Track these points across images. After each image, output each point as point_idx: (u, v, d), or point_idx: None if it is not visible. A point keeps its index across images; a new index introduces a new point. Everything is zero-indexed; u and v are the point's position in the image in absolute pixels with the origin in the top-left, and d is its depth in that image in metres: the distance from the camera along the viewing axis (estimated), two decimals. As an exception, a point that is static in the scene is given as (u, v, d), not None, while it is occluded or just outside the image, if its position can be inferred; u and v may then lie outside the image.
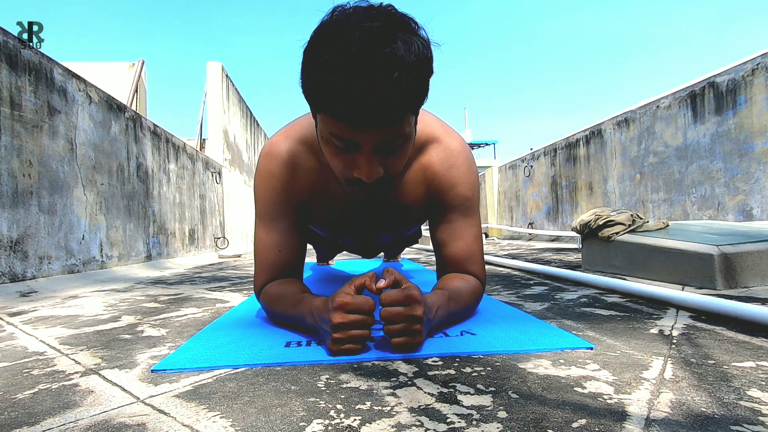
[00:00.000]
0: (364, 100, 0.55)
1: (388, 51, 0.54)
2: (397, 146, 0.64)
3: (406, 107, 0.59)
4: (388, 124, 0.59)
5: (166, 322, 0.95)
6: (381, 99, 0.55)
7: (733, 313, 0.78)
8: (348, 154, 0.63)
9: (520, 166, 5.72)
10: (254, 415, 0.44)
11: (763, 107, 2.40)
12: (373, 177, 0.63)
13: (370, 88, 0.54)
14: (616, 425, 0.39)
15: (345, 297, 0.61)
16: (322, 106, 0.59)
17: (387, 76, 0.54)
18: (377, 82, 0.54)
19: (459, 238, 0.83)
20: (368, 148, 0.61)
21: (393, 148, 0.63)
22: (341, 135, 0.60)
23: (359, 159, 0.63)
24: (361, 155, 0.62)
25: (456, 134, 0.85)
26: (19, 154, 1.60)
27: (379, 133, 0.60)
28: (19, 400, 0.51)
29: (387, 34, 0.54)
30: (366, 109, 0.56)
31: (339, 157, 0.65)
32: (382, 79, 0.54)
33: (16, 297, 1.41)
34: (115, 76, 5.60)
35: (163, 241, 2.93)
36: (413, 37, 0.57)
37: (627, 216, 1.56)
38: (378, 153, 0.62)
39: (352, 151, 0.62)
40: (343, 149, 0.63)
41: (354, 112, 0.56)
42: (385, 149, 0.63)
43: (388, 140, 0.61)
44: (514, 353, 0.62)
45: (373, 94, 0.55)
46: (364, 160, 0.62)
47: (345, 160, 0.64)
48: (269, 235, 0.83)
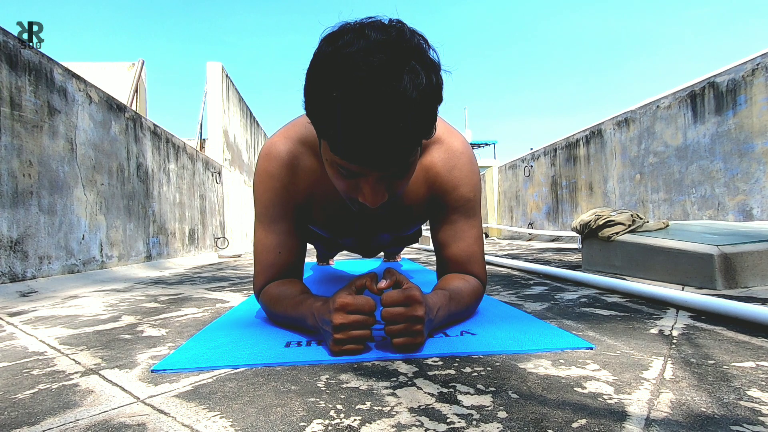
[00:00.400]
0: (370, 143, 0.54)
1: (395, 92, 0.51)
2: (401, 173, 0.63)
3: (414, 145, 0.58)
4: (395, 164, 0.59)
5: (166, 322, 0.95)
6: (388, 142, 0.54)
7: (733, 313, 0.78)
8: (352, 180, 0.63)
9: (520, 166, 5.72)
10: (254, 415, 0.44)
11: (763, 107, 2.40)
12: (377, 203, 0.63)
13: (378, 132, 0.53)
14: (616, 425, 0.39)
15: (346, 297, 0.61)
16: (327, 141, 0.59)
17: (394, 120, 0.52)
18: (384, 126, 0.52)
19: (460, 239, 0.83)
20: (373, 179, 0.61)
21: (399, 174, 0.63)
22: (346, 168, 0.60)
23: (363, 186, 0.62)
24: (366, 183, 0.62)
25: (458, 134, 0.85)
26: (19, 154, 1.60)
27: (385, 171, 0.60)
28: (19, 400, 0.51)
29: (395, 69, 0.52)
30: (372, 151, 0.55)
31: (343, 180, 0.64)
32: (390, 124, 0.52)
33: (16, 297, 1.41)
34: (115, 76, 5.60)
35: (163, 241, 2.93)
36: (422, 67, 0.54)
37: (627, 216, 1.56)
38: (383, 180, 0.62)
39: (356, 176, 0.62)
40: (346, 176, 0.62)
41: (359, 154, 0.56)
42: (391, 176, 0.62)
43: (394, 174, 0.61)
44: (514, 353, 0.62)
45: (380, 137, 0.53)
46: (368, 188, 0.62)
47: (349, 184, 0.64)
48: (269, 237, 0.83)
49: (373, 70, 0.51)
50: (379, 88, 0.51)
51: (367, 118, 0.52)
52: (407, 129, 0.54)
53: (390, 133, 0.53)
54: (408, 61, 0.53)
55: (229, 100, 5.39)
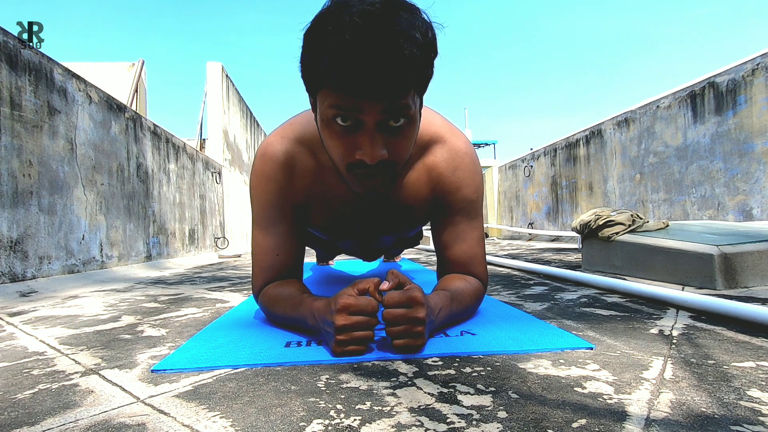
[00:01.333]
0: (367, 64, 0.54)
1: (391, 22, 0.54)
2: (400, 127, 0.62)
3: (410, 79, 0.58)
4: (392, 94, 0.58)
5: (166, 322, 0.95)
6: (385, 65, 0.54)
7: (733, 313, 0.78)
8: (349, 136, 0.61)
9: (520, 166, 5.72)
10: (254, 415, 0.44)
11: (763, 107, 2.40)
12: (376, 158, 0.61)
13: (374, 53, 0.54)
14: (616, 425, 0.39)
15: (348, 299, 0.60)
16: (325, 78, 0.58)
17: (391, 42, 0.54)
18: (381, 47, 0.54)
19: (462, 241, 0.83)
20: (371, 124, 0.59)
21: (396, 129, 0.61)
22: (344, 105, 0.58)
23: (361, 139, 0.61)
24: (364, 134, 0.60)
25: (461, 134, 0.84)
26: (19, 154, 1.60)
27: (383, 104, 0.58)
28: (19, 400, 0.51)
29: (390, 9, 0.55)
30: (369, 74, 0.55)
31: (340, 139, 0.62)
32: (386, 45, 0.54)
33: (16, 297, 1.41)
34: (115, 76, 5.60)
35: (163, 241, 2.93)
36: (416, 15, 0.58)
37: (627, 216, 1.56)
38: (381, 131, 0.61)
39: (354, 131, 0.61)
40: (345, 129, 0.61)
41: (357, 77, 0.55)
42: (389, 128, 0.61)
43: (392, 115, 0.60)
44: (514, 353, 0.62)
45: (376, 59, 0.54)
46: (366, 138, 0.60)
47: (347, 143, 0.62)
48: (267, 239, 0.82)
49: (369, 7, 0.54)
50: (374, 17, 0.54)
51: (365, 39, 0.53)
52: (402, 52, 0.55)
53: (384, 53, 0.54)
54: (400, 9, 0.56)
55: (229, 100, 5.39)
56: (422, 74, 0.60)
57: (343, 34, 0.54)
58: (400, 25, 0.55)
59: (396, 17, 0.55)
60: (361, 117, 0.59)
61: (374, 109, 0.58)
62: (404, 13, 0.56)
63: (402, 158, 0.66)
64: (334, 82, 0.57)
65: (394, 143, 0.63)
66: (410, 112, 0.61)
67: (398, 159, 0.65)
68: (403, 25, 0.55)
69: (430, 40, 0.59)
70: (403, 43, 0.55)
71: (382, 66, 0.55)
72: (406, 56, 0.55)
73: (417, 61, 0.57)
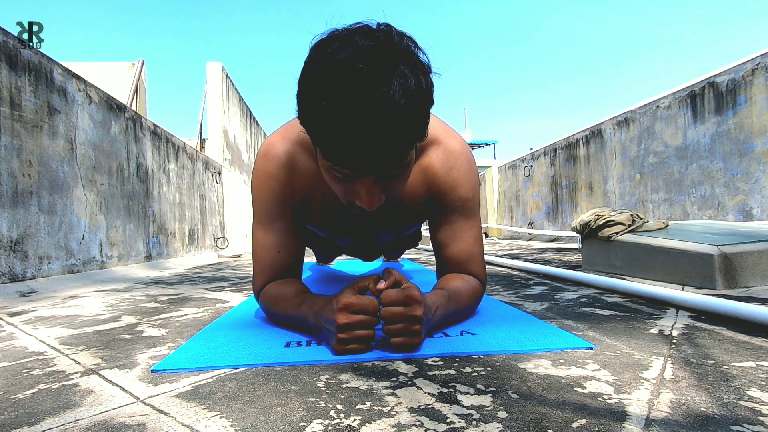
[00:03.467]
0: (362, 149, 0.55)
1: (384, 99, 0.51)
2: (397, 174, 0.63)
3: (407, 148, 0.59)
4: (388, 167, 0.59)
5: (166, 322, 0.95)
6: (380, 147, 0.55)
7: (733, 313, 0.78)
8: (348, 183, 0.63)
9: (520, 166, 5.72)
10: (254, 415, 0.44)
11: (763, 107, 2.40)
12: (374, 206, 0.63)
13: (369, 138, 0.53)
14: (616, 425, 0.39)
15: (350, 298, 0.61)
16: (321, 149, 0.59)
17: (384, 125, 0.53)
18: (375, 132, 0.53)
19: (459, 240, 0.83)
20: (368, 181, 0.61)
21: (394, 176, 0.63)
22: (339, 172, 0.60)
23: (360, 190, 0.62)
24: (362, 186, 0.62)
25: (456, 135, 0.85)
26: (19, 154, 1.60)
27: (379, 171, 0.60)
28: (19, 400, 0.51)
29: (384, 75, 0.52)
30: (365, 156, 0.56)
31: (339, 184, 0.64)
32: (380, 129, 0.53)
33: (16, 297, 1.41)
34: (115, 76, 5.60)
35: (163, 241, 2.93)
36: (411, 71, 0.54)
37: (627, 216, 1.56)
38: (379, 183, 0.62)
39: (353, 179, 0.62)
40: (342, 180, 0.63)
41: (352, 159, 0.56)
42: (387, 178, 0.62)
43: (388, 174, 0.61)
44: (514, 353, 0.62)
45: (371, 143, 0.54)
46: (364, 191, 0.62)
47: (345, 187, 0.64)
48: (267, 237, 0.83)
49: (361, 77, 0.51)
50: (367, 96, 0.51)
51: (357, 125, 0.52)
52: (398, 133, 0.55)
53: (381, 138, 0.54)
54: (396, 65, 0.53)
55: (229, 100, 5.39)
56: (418, 135, 0.59)
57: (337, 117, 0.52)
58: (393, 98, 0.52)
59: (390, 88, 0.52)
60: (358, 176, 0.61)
61: (370, 177, 0.60)
62: (402, 67, 0.53)
63: (398, 193, 0.68)
64: (330, 160, 0.58)
65: (391, 186, 0.65)
66: (407, 165, 0.63)
67: (395, 195, 0.68)
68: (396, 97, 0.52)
69: (425, 97, 0.56)
70: (397, 124, 0.54)
71: (377, 148, 0.55)
72: (402, 136, 0.55)
73: (412, 130, 0.57)
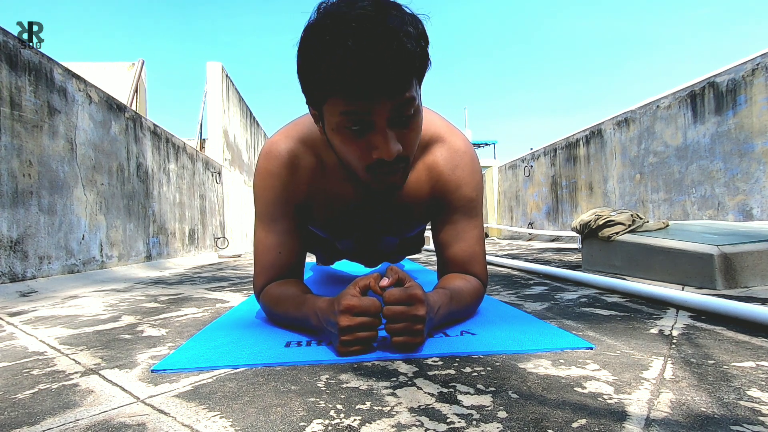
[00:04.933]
0: (371, 67, 0.56)
1: (385, 21, 0.57)
2: (409, 118, 0.64)
3: (411, 70, 0.60)
4: (397, 89, 0.60)
5: (166, 322, 0.95)
6: (387, 64, 0.57)
7: (733, 313, 0.78)
8: (363, 139, 0.63)
9: (520, 166, 5.72)
10: (254, 415, 0.44)
11: (763, 107, 2.40)
12: (393, 153, 0.63)
13: (375, 54, 0.56)
14: (616, 425, 0.39)
15: (352, 300, 0.61)
16: (330, 88, 0.60)
17: (391, 41, 0.56)
18: (380, 48, 0.56)
19: (462, 240, 0.83)
20: (382, 123, 0.61)
21: (405, 121, 0.64)
22: (355, 110, 0.61)
23: (375, 138, 0.63)
24: (377, 134, 0.62)
25: (460, 134, 0.85)
26: (19, 154, 1.60)
27: (391, 102, 0.60)
28: (19, 400, 0.51)
29: (381, 10, 0.58)
30: (374, 75, 0.57)
31: (354, 143, 0.64)
32: (385, 45, 0.56)
33: (16, 297, 1.41)
34: (115, 76, 5.60)
35: (163, 241, 2.93)
36: (404, 11, 0.61)
37: (627, 216, 1.56)
38: (392, 127, 0.63)
39: (366, 132, 0.63)
40: (356, 132, 0.63)
41: (367, 80, 0.57)
42: (398, 122, 0.63)
43: (400, 109, 0.62)
44: (514, 353, 0.62)
45: (378, 60, 0.56)
46: (380, 137, 0.62)
47: (360, 145, 0.64)
48: (269, 236, 0.83)
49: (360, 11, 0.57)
50: (369, 21, 0.57)
51: (362, 44, 0.56)
52: (401, 49, 0.57)
53: (385, 54, 0.57)
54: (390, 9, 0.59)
55: (229, 100, 5.39)
56: (421, 63, 0.63)
57: (345, 42, 0.56)
58: (393, 22, 0.57)
59: (388, 16, 0.58)
60: (371, 118, 0.61)
61: (384, 108, 0.61)
62: (393, 11, 0.59)
63: (414, 149, 0.69)
64: (342, 89, 0.59)
65: (405, 136, 0.65)
66: (416, 103, 0.64)
67: (411, 149, 0.68)
68: (395, 23, 0.58)
69: (421, 30, 0.62)
70: (402, 38, 0.57)
71: (386, 64, 0.57)
72: (407, 50, 0.58)
73: (416, 53, 0.60)
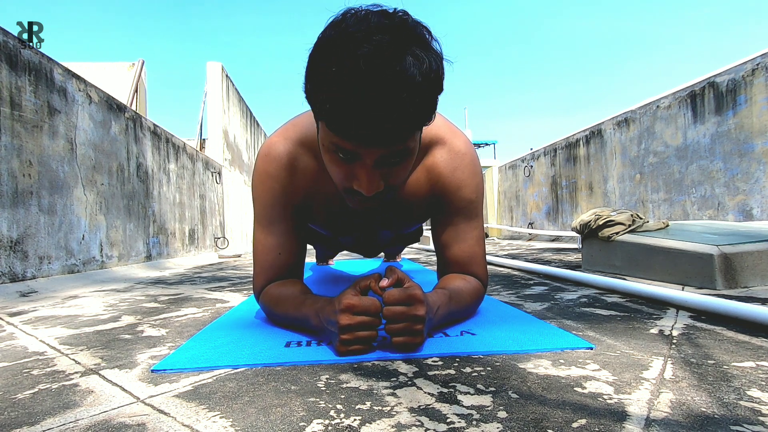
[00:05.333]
0: (368, 118, 0.53)
1: (397, 69, 0.52)
2: (399, 160, 0.62)
3: (412, 126, 0.58)
4: (392, 142, 0.58)
5: (166, 322, 0.95)
6: (386, 118, 0.54)
7: (733, 313, 0.78)
8: (348, 165, 0.62)
9: (520, 166, 5.72)
10: (254, 415, 0.44)
11: (763, 107, 2.40)
12: (372, 191, 0.62)
13: (376, 106, 0.53)
14: (616, 425, 0.39)
15: (352, 299, 0.61)
16: (325, 118, 0.58)
17: (394, 95, 0.52)
18: (383, 101, 0.52)
19: (462, 240, 0.83)
20: (370, 162, 0.60)
21: (395, 162, 0.62)
22: (343, 147, 0.59)
23: (359, 172, 0.61)
24: (362, 168, 0.61)
25: (461, 134, 0.84)
26: (19, 154, 1.60)
27: (382, 151, 0.59)
28: (19, 400, 0.51)
29: (398, 50, 0.52)
30: (370, 127, 0.54)
31: (339, 167, 0.63)
32: (389, 99, 0.52)
33: (16, 297, 1.41)
34: (115, 76, 5.59)
35: (163, 241, 2.93)
36: (425, 53, 0.54)
37: (627, 216, 1.56)
38: (380, 167, 0.61)
39: (353, 161, 0.61)
40: (343, 159, 0.62)
41: (358, 129, 0.55)
42: (388, 163, 0.61)
43: (390, 156, 0.60)
44: (514, 353, 0.62)
45: (378, 112, 0.53)
46: (364, 174, 0.61)
47: (345, 170, 0.63)
48: (268, 238, 0.82)
49: (376, 47, 0.51)
50: (380, 65, 0.51)
51: (366, 91, 0.52)
52: (405, 107, 0.54)
53: (388, 108, 0.53)
54: (410, 45, 0.53)
55: (229, 100, 5.39)
56: (425, 118, 0.59)
57: (349, 80, 0.52)
58: (407, 69, 0.52)
59: (403, 61, 0.52)
60: (360, 155, 0.60)
61: (373, 153, 0.59)
62: (415, 48, 0.53)
63: (399, 184, 0.67)
64: (338, 129, 0.57)
65: (392, 172, 0.64)
66: (410, 148, 0.62)
67: (395, 185, 0.66)
68: (409, 72, 0.52)
69: (436, 81, 0.56)
70: (408, 95, 0.53)
71: (383, 121, 0.54)
72: (410, 112, 0.54)
73: (421, 111, 0.56)
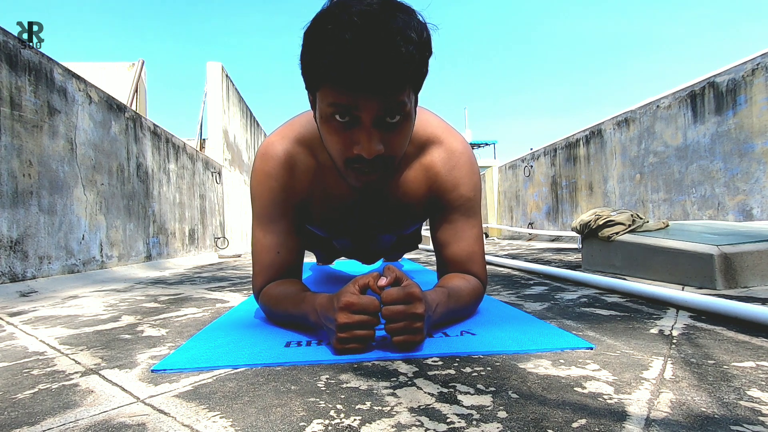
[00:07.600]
0: (365, 62, 0.56)
1: (388, 21, 0.57)
2: (397, 123, 0.64)
3: (406, 76, 0.60)
4: (389, 90, 0.60)
5: (166, 322, 0.95)
6: (382, 62, 0.57)
7: (733, 313, 0.78)
8: (347, 132, 0.64)
9: (520, 166, 5.72)
10: (254, 415, 0.44)
11: (763, 107, 2.40)
12: (373, 152, 0.63)
13: (372, 50, 0.56)
14: (616, 425, 0.39)
15: (351, 297, 0.61)
16: (324, 75, 0.60)
17: (388, 41, 0.56)
18: (378, 45, 0.56)
19: (460, 239, 0.83)
20: (368, 120, 0.61)
21: (393, 125, 0.64)
22: (342, 102, 0.61)
23: (359, 134, 0.63)
24: (361, 130, 0.62)
25: (458, 134, 0.85)
26: (19, 154, 1.60)
27: (380, 101, 0.60)
28: (19, 400, 0.51)
29: (387, 10, 0.58)
30: (368, 71, 0.57)
31: (339, 135, 0.64)
32: (384, 44, 0.56)
33: (16, 297, 1.41)
34: (115, 76, 5.59)
35: (163, 241, 2.93)
36: (412, 16, 0.60)
37: (627, 216, 1.56)
38: (378, 127, 0.63)
39: (352, 126, 0.63)
40: (343, 125, 0.63)
41: (356, 74, 0.57)
42: (385, 125, 0.63)
43: (388, 112, 0.62)
44: (514, 353, 0.62)
45: (374, 56, 0.56)
46: (364, 134, 0.62)
47: (344, 138, 0.64)
48: (267, 237, 0.83)
49: (368, 8, 0.57)
50: (373, 18, 0.56)
51: (362, 37, 0.56)
52: (399, 50, 0.57)
53: (382, 50, 0.56)
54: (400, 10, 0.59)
55: (229, 100, 5.39)
56: (418, 72, 0.62)
57: (343, 33, 0.56)
58: (397, 24, 0.57)
59: (393, 18, 0.57)
60: (358, 113, 0.61)
61: (372, 106, 0.60)
62: (400, 14, 0.59)
63: (398, 153, 0.69)
64: (334, 79, 0.59)
65: (390, 139, 0.65)
66: (406, 108, 0.64)
67: (394, 154, 0.68)
68: (399, 25, 0.57)
69: (425, 39, 0.61)
70: (400, 41, 0.57)
71: (379, 63, 0.57)
72: (403, 54, 0.58)
73: (413, 59, 0.59)
